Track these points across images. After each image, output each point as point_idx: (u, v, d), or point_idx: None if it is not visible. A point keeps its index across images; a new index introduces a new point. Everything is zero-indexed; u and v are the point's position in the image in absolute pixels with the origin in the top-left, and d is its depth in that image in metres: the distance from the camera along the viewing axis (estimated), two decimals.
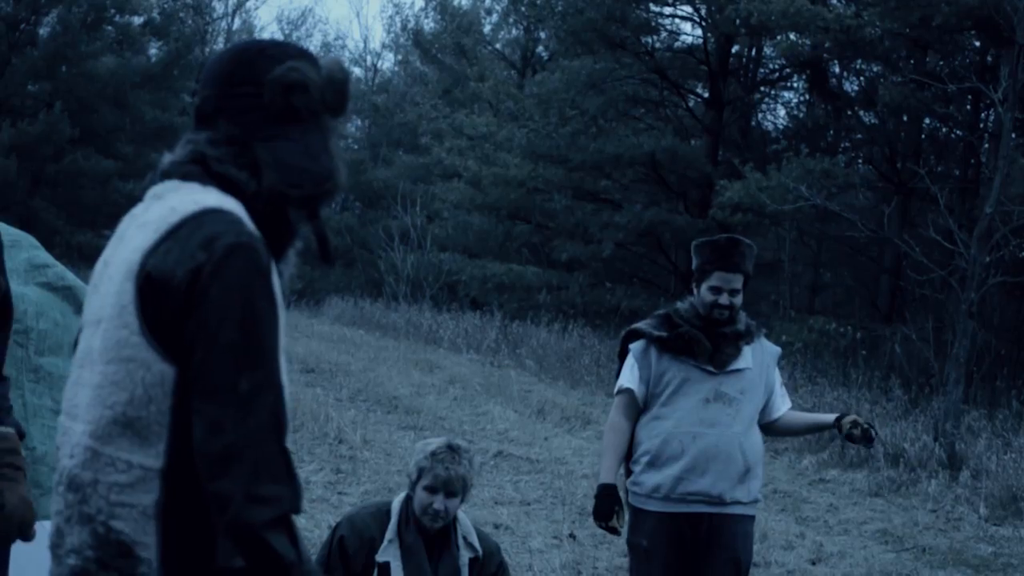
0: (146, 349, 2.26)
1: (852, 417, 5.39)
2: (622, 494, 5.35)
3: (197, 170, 2.43)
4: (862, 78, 23.83)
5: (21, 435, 3.06)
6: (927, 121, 22.64)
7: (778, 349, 5.61)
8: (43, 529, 2.53)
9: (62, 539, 2.36)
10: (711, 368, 5.29)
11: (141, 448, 2.27)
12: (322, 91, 2.49)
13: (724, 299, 5.28)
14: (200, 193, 2.39)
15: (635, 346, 5.40)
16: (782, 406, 5.52)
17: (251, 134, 2.45)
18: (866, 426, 5.35)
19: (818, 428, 5.74)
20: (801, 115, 27.60)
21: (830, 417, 5.51)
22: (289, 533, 2.22)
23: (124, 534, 2.26)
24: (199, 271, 2.24)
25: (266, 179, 2.42)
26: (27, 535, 2.99)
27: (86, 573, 2.31)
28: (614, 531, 5.30)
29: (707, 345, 5.28)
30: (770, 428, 5.53)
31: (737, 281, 5.30)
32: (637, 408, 5.35)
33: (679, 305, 5.44)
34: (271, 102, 2.45)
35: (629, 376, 5.37)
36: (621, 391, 5.38)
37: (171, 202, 2.38)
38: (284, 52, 2.51)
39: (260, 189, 2.42)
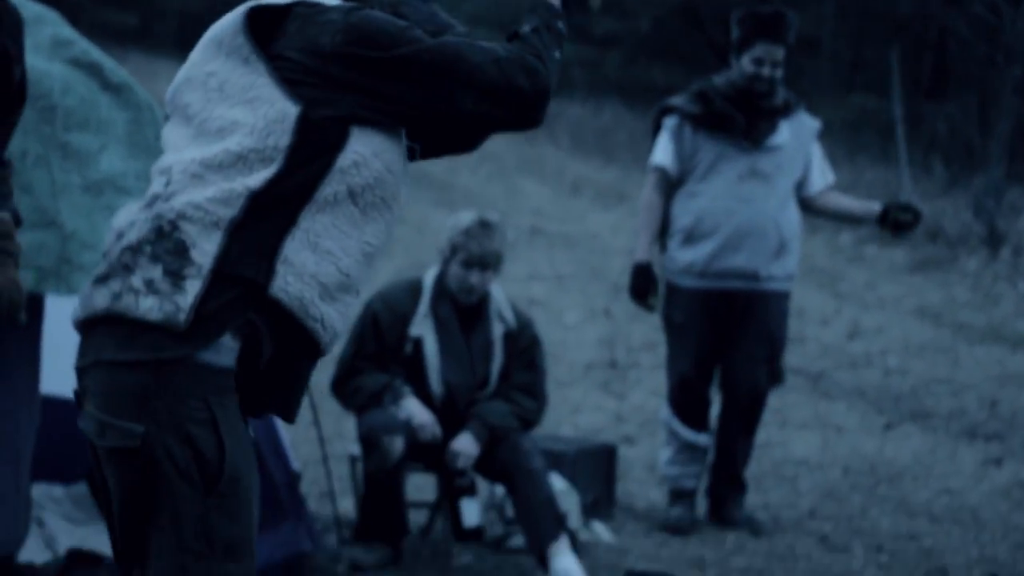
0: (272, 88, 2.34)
1: (896, 206, 5.28)
2: (658, 270, 5.36)
3: None
4: None
5: (18, 222, 2.98)
6: None
7: (817, 123, 5.54)
8: (71, 305, 2.47)
9: (120, 239, 2.34)
10: (746, 144, 5.24)
11: (246, 174, 2.32)
12: None
13: (766, 71, 5.24)
14: None
15: (669, 122, 5.38)
16: (820, 181, 5.47)
17: None
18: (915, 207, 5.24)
19: (855, 218, 5.62)
20: None
21: (873, 210, 5.34)
22: None
23: (187, 234, 2.29)
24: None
25: None
26: (17, 316, 2.93)
27: (134, 251, 2.31)
28: (649, 308, 5.37)
29: (741, 121, 5.23)
30: (806, 204, 5.48)
31: (779, 53, 5.24)
32: (670, 184, 5.36)
33: (715, 80, 5.39)
34: None
35: (663, 153, 5.36)
36: (654, 168, 5.38)
37: None
38: None
39: None
